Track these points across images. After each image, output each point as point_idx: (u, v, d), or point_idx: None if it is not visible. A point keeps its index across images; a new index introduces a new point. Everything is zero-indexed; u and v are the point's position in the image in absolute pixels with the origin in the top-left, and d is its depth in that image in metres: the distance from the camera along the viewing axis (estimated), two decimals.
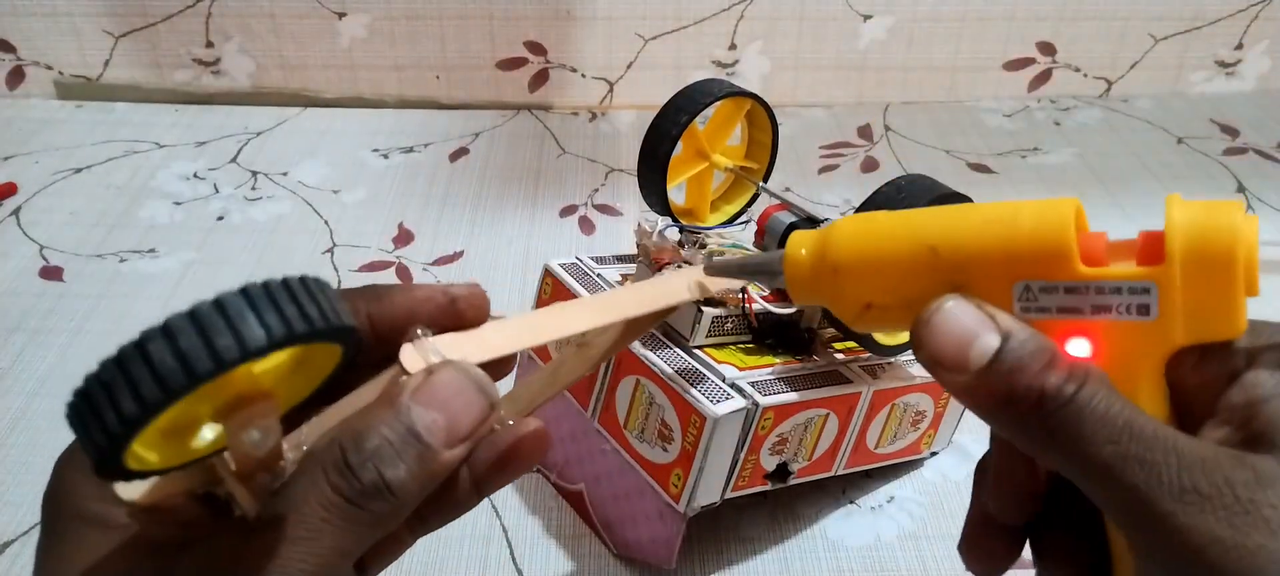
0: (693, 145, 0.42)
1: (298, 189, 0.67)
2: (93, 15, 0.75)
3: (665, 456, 0.36)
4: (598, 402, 0.39)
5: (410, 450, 0.23)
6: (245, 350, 0.18)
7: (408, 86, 0.78)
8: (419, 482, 0.23)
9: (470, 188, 0.68)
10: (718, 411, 0.34)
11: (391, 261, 0.60)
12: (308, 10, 0.74)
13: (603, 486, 0.41)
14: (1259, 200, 0.67)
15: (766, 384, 0.36)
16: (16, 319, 0.54)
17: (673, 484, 0.36)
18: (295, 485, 0.22)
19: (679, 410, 0.35)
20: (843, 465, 0.41)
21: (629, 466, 0.38)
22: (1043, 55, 0.79)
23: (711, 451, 0.35)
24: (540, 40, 0.76)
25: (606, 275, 0.41)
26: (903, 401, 0.41)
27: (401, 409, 0.23)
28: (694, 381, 0.35)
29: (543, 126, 0.76)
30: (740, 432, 0.35)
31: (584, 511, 0.42)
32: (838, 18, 0.76)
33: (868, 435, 0.41)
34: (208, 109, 0.77)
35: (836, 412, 0.38)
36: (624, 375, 0.37)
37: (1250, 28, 0.78)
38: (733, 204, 0.45)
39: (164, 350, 0.17)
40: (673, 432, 0.36)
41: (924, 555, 0.42)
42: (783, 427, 0.37)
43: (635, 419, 0.37)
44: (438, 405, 0.23)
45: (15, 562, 0.41)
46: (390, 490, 0.22)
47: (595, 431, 0.39)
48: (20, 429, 0.47)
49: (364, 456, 0.22)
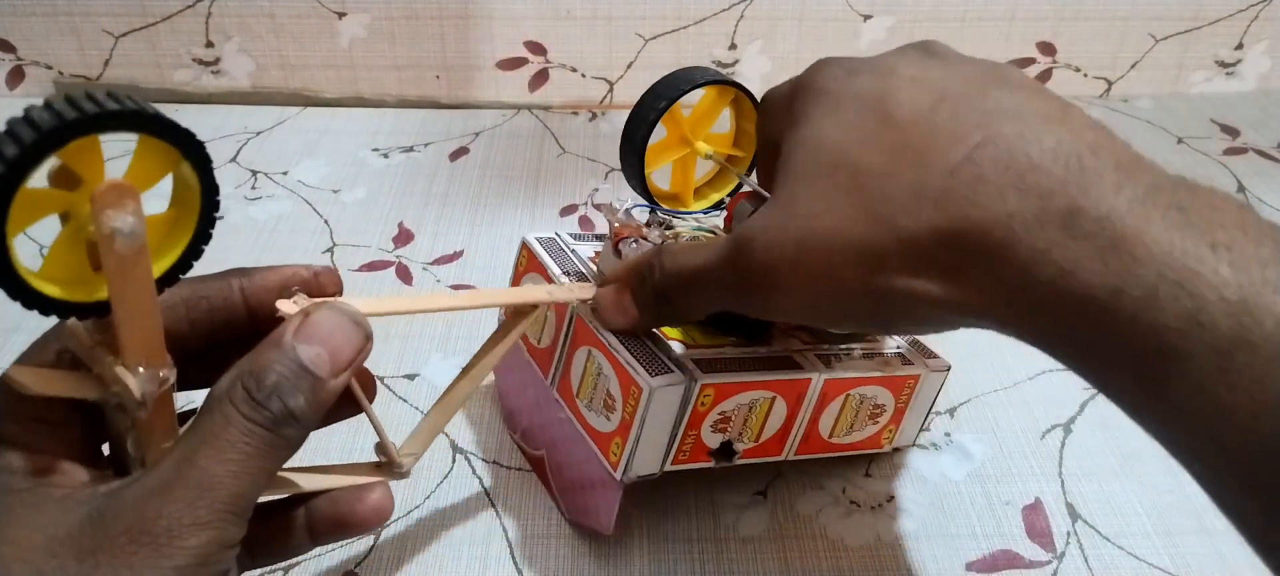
0: (677, 131, 0.43)
1: (297, 188, 0.67)
2: (93, 15, 0.75)
3: (608, 425, 0.37)
4: (557, 371, 0.40)
5: (304, 381, 0.26)
6: (82, 113, 0.22)
7: (408, 86, 0.78)
8: (314, 410, 0.27)
9: (470, 187, 0.68)
10: (654, 383, 0.35)
11: (391, 261, 0.60)
12: (308, 10, 0.74)
13: (558, 452, 0.42)
14: (1259, 200, 0.67)
15: (710, 362, 0.37)
16: (16, 319, 0.54)
17: (613, 452, 0.37)
18: (205, 423, 0.26)
19: (621, 381, 0.36)
20: (794, 450, 0.41)
21: (579, 435, 0.39)
22: (1043, 55, 0.79)
23: (648, 422, 0.35)
24: (540, 40, 0.76)
25: (581, 251, 0.43)
26: (858, 393, 0.41)
27: (286, 347, 0.27)
28: (638, 354, 0.36)
29: (543, 126, 0.76)
30: (678, 406, 0.36)
31: (544, 476, 0.43)
32: (838, 18, 0.76)
33: (820, 423, 0.41)
34: (208, 109, 0.77)
35: (785, 397, 0.39)
36: (579, 345, 0.38)
37: (1250, 28, 0.78)
38: (718, 191, 0.46)
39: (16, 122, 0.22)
40: (615, 403, 0.36)
41: (924, 555, 0.42)
42: (724, 406, 0.37)
43: (586, 388, 0.38)
44: (319, 340, 0.27)
45: None
46: (294, 417, 0.26)
47: (553, 399, 0.40)
48: None
49: (267, 391, 0.26)
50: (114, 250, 0.23)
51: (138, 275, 0.24)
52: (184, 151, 0.24)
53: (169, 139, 0.24)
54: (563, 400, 0.40)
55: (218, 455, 0.25)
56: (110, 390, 0.26)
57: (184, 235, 0.26)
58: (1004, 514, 0.44)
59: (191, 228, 0.26)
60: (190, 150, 0.24)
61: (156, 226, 0.25)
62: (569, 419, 0.39)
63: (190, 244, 0.26)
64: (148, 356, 0.25)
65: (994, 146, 0.27)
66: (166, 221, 0.26)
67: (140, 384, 0.25)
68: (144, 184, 0.24)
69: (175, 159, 0.24)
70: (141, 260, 0.24)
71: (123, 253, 0.23)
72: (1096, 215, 0.25)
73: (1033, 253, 0.25)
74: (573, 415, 0.39)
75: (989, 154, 0.27)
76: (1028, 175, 0.26)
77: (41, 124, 0.21)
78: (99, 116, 0.22)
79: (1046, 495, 0.45)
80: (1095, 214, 0.25)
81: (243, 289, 0.30)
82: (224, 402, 0.26)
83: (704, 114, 0.43)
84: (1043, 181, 0.26)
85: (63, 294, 0.24)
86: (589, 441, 0.38)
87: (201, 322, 0.30)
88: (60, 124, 0.21)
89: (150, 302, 0.25)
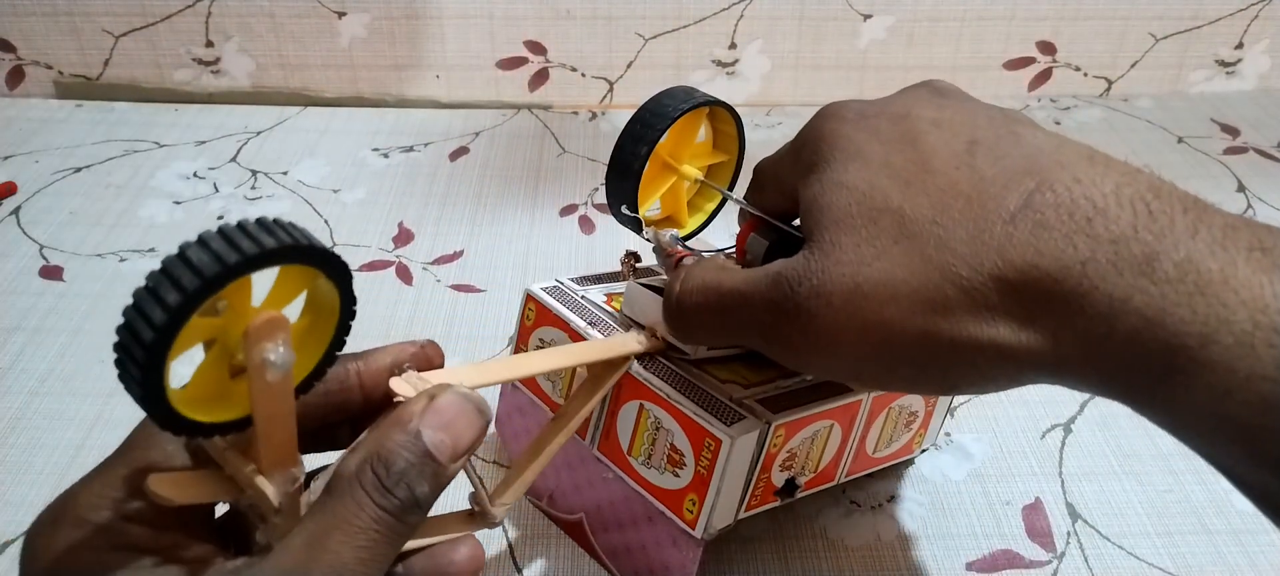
0: (658, 163, 0.41)
1: (298, 188, 0.67)
2: (93, 15, 0.75)
3: (677, 482, 0.35)
4: (597, 429, 0.38)
5: (428, 468, 0.26)
6: (243, 255, 0.21)
7: (408, 86, 0.78)
8: (436, 494, 0.27)
9: (470, 187, 0.68)
10: (733, 432, 0.33)
11: (391, 261, 0.60)
12: (308, 10, 0.74)
13: (605, 514, 0.40)
14: (1260, 200, 0.67)
15: (775, 400, 0.36)
16: (16, 318, 0.54)
17: (687, 509, 0.35)
18: (335, 506, 0.26)
19: (690, 434, 0.34)
20: (845, 473, 0.40)
21: (635, 493, 0.37)
22: (1043, 55, 0.78)
23: (728, 474, 0.34)
24: (540, 40, 0.76)
25: (592, 296, 0.40)
26: (898, 404, 0.41)
27: (413, 433, 0.27)
28: (702, 403, 0.35)
29: (543, 126, 0.76)
30: (754, 452, 0.35)
31: (584, 541, 0.41)
32: (838, 18, 0.76)
33: (867, 441, 0.40)
34: (208, 108, 0.77)
35: (840, 422, 0.38)
36: (626, 400, 0.36)
37: (1250, 27, 0.78)
38: (709, 200, 0.44)
39: (176, 264, 0.21)
40: (684, 457, 0.35)
41: (924, 555, 0.42)
42: (792, 443, 0.36)
43: (641, 444, 0.36)
44: (443, 425, 0.27)
45: (15, 562, 0.41)
46: (419, 504, 0.26)
47: (594, 458, 0.38)
48: (20, 428, 0.47)
49: (395, 477, 0.26)
50: (265, 380, 0.24)
51: (282, 395, 0.25)
52: (328, 273, 0.24)
53: (316, 264, 0.24)
54: (609, 459, 0.38)
55: (350, 541, 0.25)
56: (246, 494, 0.26)
57: (319, 345, 0.26)
58: (1004, 513, 0.44)
59: (328, 338, 0.26)
60: (333, 270, 0.24)
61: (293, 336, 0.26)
62: (620, 478, 0.37)
63: (325, 354, 0.26)
64: (283, 464, 0.26)
65: (1051, 192, 0.26)
66: (301, 331, 0.26)
67: (277, 491, 0.26)
68: (284, 301, 0.25)
69: (314, 275, 0.25)
70: (287, 382, 0.25)
71: (274, 382, 0.24)
72: (1176, 260, 0.24)
73: (1112, 301, 0.25)
74: (624, 474, 0.37)
75: (1048, 199, 0.26)
76: (1094, 220, 0.25)
77: (202, 268, 0.21)
78: (259, 257, 0.22)
79: (1046, 495, 0.45)
80: (1175, 258, 0.24)
81: (360, 373, 0.30)
82: (355, 486, 0.26)
83: (681, 135, 0.41)
84: (1112, 227, 0.25)
85: (206, 417, 0.24)
86: (652, 500, 0.36)
87: (319, 406, 0.30)
88: (222, 270, 0.21)
89: (290, 419, 0.25)
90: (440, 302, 0.56)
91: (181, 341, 0.22)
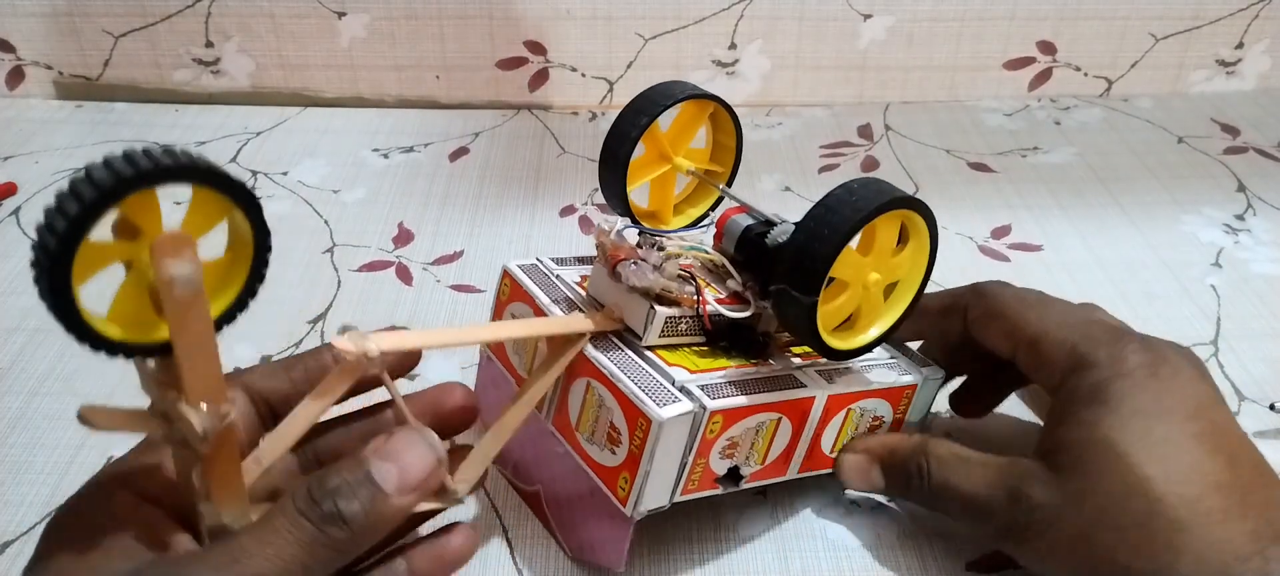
0: (655, 148, 0.42)
1: (297, 188, 0.67)
2: (93, 15, 0.75)
3: (613, 459, 0.36)
4: (551, 404, 0.39)
5: (364, 490, 0.28)
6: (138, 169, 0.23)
7: (408, 86, 0.78)
8: (370, 519, 0.28)
9: (470, 187, 0.68)
10: (663, 414, 0.34)
11: (391, 261, 0.60)
12: (308, 10, 0.74)
13: (557, 487, 0.41)
14: (1260, 199, 0.67)
15: (716, 387, 0.36)
16: (16, 318, 0.54)
17: (620, 487, 0.36)
18: (269, 513, 0.28)
19: (626, 413, 0.35)
20: (797, 469, 0.40)
21: (580, 468, 0.38)
22: (1043, 54, 0.79)
23: (658, 454, 0.34)
24: (540, 40, 0.76)
25: (566, 276, 0.41)
26: (859, 406, 0.41)
27: (361, 460, 0.29)
28: (642, 384, 0.35)
29: (543, 126, 0.76)
30: (687, 436, 0.35)
31: (541, 512, 0.42)
32: (838, 17, 0.76)
33: (822, 440, 0.40)
34: (207, 109, 0.77)
35: (789, 417, 0.38)
36: (576, 377, 0.37)
37: (1250, 27, 0.78)
38: (696, 208, 0.45)
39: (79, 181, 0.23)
40: (621, 435, 0.35)
41: (924, 555, 0.42)
42: (732, 431, 0.36)
43: (586, 421, 0.37)
44: (392, 457, 0.29)
45: (16, 562, 0.41)
46: (343, 519, 0.28)
47: (549, 433, 0.39)
48: (20, 428, 0.47)
49: (325, 492, 0.28)
50: (173, 296, 0.25)
51: (196, 317, 0.26)
52: (236, 200, 0.26)
53: (221, 189, 0.25)
54: (560, 434, 0.38)
55: (259, 537, 0.27)
56: (174, 426, 0.27)
57: (239, 278, 0.27)
58: None
59: (246, 271, 0.27)
60: (242, 199, 0.26)
61: (213, 271, 0.27)
62: (568, 453, 0.38)
63: (245, 285, 0.27)
64: (209, 394, 0.27)
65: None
66: (223, 266, 0.27)
67: (202, 419, 0.26)
68: (199, 232, 0.26)
69: (228, 207, 0.26)
70: (199, 303, 0.25)
71: (181, 297, 0.25)
72: None
73: None
74: (572, 449, 0.38)
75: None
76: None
77: (100, 181, 0.23)
78: (153, 171, 0.23)
79: None
80: None
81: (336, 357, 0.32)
82: (288, 496, 0.28)
83: (682, 129, 0.43)
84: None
85: (125, 335, 0.25)
86: (593, 476, 0.37)
87: (300, 382, 0.34)
88: (117, 181, 0.23)
89: (209, 343, 0.26)
90: (440, 303, 0.56)
91: (94, 258, 0.24)
